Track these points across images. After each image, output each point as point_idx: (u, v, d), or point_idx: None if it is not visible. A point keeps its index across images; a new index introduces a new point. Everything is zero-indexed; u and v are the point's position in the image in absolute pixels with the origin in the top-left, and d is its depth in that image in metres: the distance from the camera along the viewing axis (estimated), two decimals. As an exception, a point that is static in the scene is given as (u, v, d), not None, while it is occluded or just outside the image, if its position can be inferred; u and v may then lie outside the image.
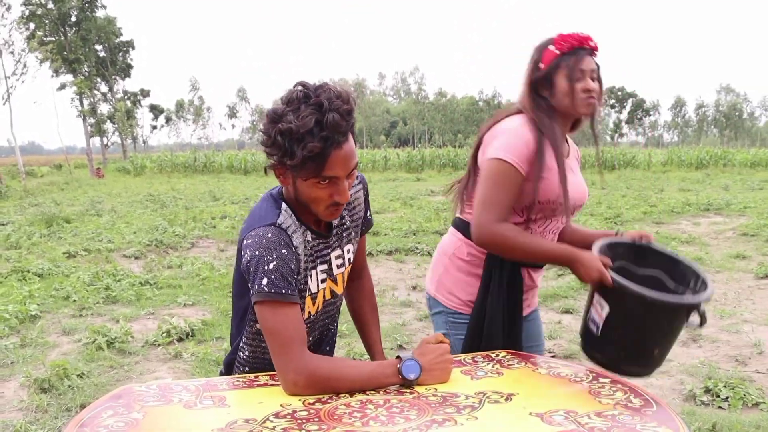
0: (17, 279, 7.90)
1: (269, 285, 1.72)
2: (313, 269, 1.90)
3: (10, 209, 17.79)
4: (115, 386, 4.55)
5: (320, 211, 1.81)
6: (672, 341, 2.15)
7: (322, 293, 1.96)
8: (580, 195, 2.35)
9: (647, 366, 2.17)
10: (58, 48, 43.42)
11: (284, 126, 1.65)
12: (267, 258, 1.74)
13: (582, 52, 2.25)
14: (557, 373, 1.84)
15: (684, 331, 2.18)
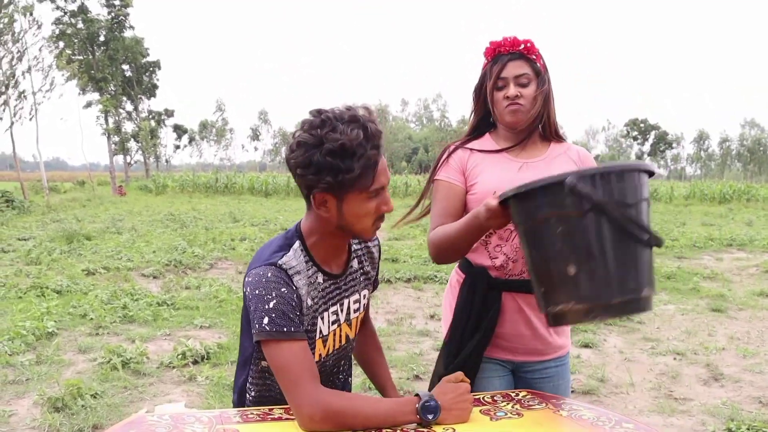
0: (36, 295, 7.93)
1: (270, 324, 1.70)
2: (325, 311, 1.87)
3: (32, 224, 17.94)
4: (129, 408, 4.54)
5: (368, 227, 1.80)
6: (590, 250, 1.66)
7: (333, 336, 1.93)
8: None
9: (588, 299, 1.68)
10: (85, 66, 44.00)
11: (333, 145, 1.63)
12: (267, 297, 1.72)
13: (504, 58, 2.18)
14: (579, 416, 1.78)
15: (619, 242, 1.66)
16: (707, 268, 11.01)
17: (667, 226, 18.49)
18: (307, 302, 1.81)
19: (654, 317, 7.46)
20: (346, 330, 1.98)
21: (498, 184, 2.15)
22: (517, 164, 2.25)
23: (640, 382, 5.32)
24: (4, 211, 21.22)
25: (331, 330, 1.91)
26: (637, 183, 1.68)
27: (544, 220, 1.69)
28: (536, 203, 1.70)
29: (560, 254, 1.68)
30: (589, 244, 1.65)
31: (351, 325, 1.99)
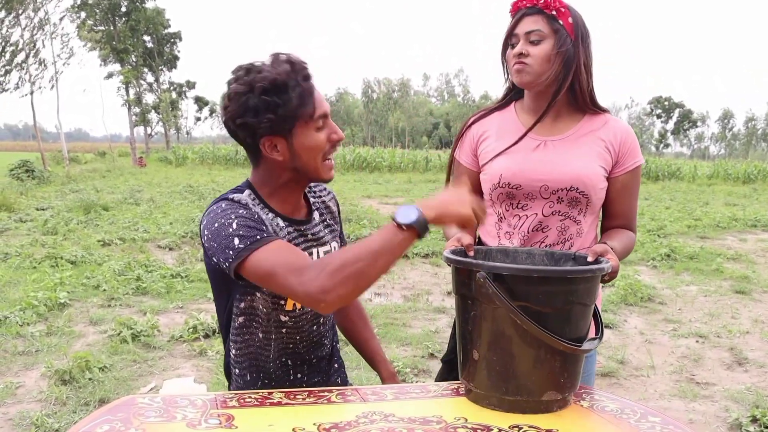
0: (50, 265, 7.89)
1: (241, 241, 1.58)
2: None
3: (51, 194, 17.98)
4: (137, 381, 4.47)
5: (319, 165, 1.72)
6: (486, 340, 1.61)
7: None
8: (537, 174, 2.02)
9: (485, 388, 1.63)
10: (107, 37, 43.99)
11: (264, 84, 1.59)
12: (226, 222, 1.62)
13: (520, 13, 1.97)
14: (602, 407, 1.65)
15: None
16: (731, 249, 10.79)
17: (690, 206, 18.21)
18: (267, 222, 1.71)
19: (676, 298, 7.29)
20: None
21: (508, 167, 2.04)
22: (535, 143, 2.06)
23: (661, 365, 5.17)
24: (24, 180, 21.33)
25: None
26: (572, 288, 1.55)
27: (463, 297, 1.65)
28: (461, 278, 1.64)
29: (470, 335, 1.64)
30: (493, 337, 1.60)
31: None
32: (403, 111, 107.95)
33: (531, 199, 2.04)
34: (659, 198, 21.08)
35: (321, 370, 1.97)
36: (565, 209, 2.03)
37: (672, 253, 9.67)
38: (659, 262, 9.26)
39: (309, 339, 1.91)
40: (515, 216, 2.08)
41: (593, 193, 2.01)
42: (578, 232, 2.06)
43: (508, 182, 2.04)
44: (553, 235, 2.06)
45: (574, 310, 1.57)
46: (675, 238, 11.58)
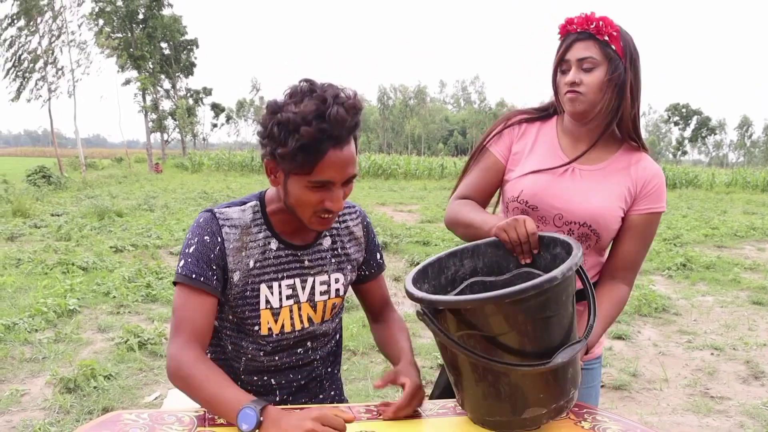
0: (61, 271, 7.89)
1: (183, 267, 1.68)
2: (274, 281, 1.76)
3: (67, 200, 18.08)
4: (142, 390, 4.44)
5: (306, 217, 1.66)
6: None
7: (289, 312, 1.79)
8: (555, 202, 1.95)
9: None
10: (124, 44, 44.29)
11: (283, 116, 1.52)
12: (190, 242, 1.71)
13: (571, 38, 1.88)
14: (603, 428, 1.58)
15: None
16: (748, 259, 10.64)
17: (707, 214, 18.03)
18: (247, 263, 1.73)
19: (691, 309, 7.18)
20: (308, 311, 1.83)
21: (530, 186, 1.97)
22: (563, 168, 1.98)
23: (675, 378, 5.08)
24: (41, 186, 21.47)
25: (285, 305, 1.78)
26: (522, 307, 1.44)
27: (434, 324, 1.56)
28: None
29: (445, 362, 1.65)
30: (452, 366, 1.59)
31: (316, 308, 1.84)
32: (420, 118, 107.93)
33: (543, 222, 1.97)
34: (676, 206, 20.89)
35: (310, 391, 1.93)
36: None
37: (688, 263, 9.54)
38: (675, 272, 9.14)
39: (294, 361, 1.88)
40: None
41: (605, 233, 1.94)
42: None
43: (526, 201, 1.98)
44: None
45: (534, 326, 1.46)
46: (691, 248, 11.45)
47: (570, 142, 2.01)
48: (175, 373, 1.60)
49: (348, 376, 4.82)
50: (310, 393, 1.93)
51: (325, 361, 1.96)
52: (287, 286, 1.77)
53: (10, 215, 13.59)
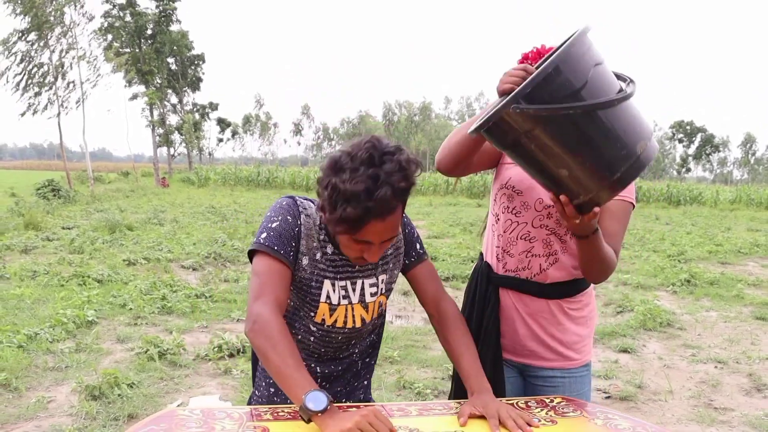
0: (77, 284, 8.06)
1: (266, 239, 1.83)
2: (331, 280, 1.92)
3: (76, 214, 18.27)
4: (164, 398, 4.58)
5: (348, 256, 1.85)
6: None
7: (345, 311, 1.95)
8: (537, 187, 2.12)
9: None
10: (132, 59, 44.68)
11: (336, 181, 1.67)
12: (273, 218, 1.87)
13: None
14: (615, 425, 1.74)
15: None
16: (752, 275, 10.77)
17: (711, 231, 18.15)
18: (315, 254, 1.89)
19: (695, 324, 7.32)
20: (361, 312, 1.98)
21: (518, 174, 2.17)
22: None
23: (679, 390, 5.22)
24: (50, 199, 21.67)
25: (342, 303, 1.94)
26: (576, 65, 1.62)
27: (515, 144, 1.71)
28: (501, 131, 1.70)
29: (546, 165, 1.72)
30: (563, 148, 1.67)
31: (367, 309, 1.99)
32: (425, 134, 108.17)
33: (525, 208, 2.18)
34: (680, 223, 21.01)
35: (346, 382, 2.09)
36: (552, 225, 2.15)
37: (692, 279, 9.68)
38: (679, 288, 9.28)
39: (337, 352, 2.03)
40: (508, 220, 2.22)
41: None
42: (563, 249, 2.17)
43: (513, 186, 2.19)
44: (538, 247, 2.18)
45: (596, 77, 1.64)
46: (695, 264, 11.57)
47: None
48: (261, 331, 1.70)
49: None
50: (345, 382, 2.09)
51: (364, 353, 2.13)
52: (341, 287, 1.93)
53: (22, 228, 13.77)
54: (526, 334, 2.22)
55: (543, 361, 2.22)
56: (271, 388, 2.06)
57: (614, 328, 6.87)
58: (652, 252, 12.99)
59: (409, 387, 4.96)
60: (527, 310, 2.21)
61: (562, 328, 2.20)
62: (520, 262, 2.19)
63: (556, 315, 2.19)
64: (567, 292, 2.19)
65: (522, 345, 2.24)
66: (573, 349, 2.22)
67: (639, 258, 12.21)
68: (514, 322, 2.23)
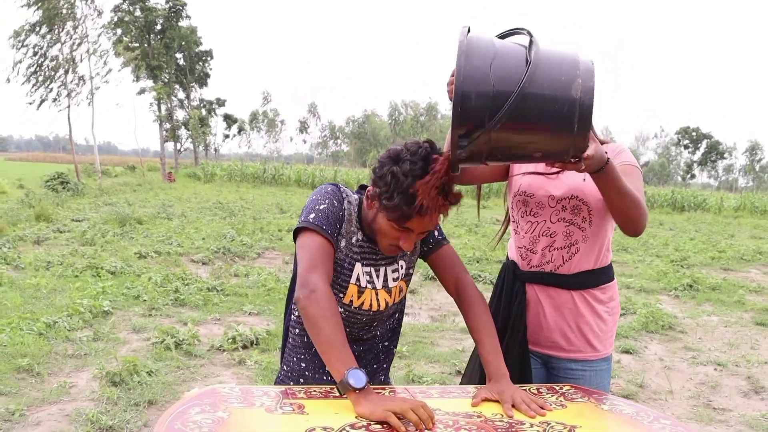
0: (92, 275, 8.23)
1: (315, 218, 1.97)
2: (361, 263, 2.09)
3: (85, 206, 18.45)
4: (182, 386, 4.75)
5: (382, 243, 2.02)
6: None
7: (370, 294, 2.11)
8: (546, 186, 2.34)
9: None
10: (141, 54, 44.82)
11: (396, 170, 1.86)
12: (320, 201, 2.01)
13: None
14: (620, 410, 1.90)
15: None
16: (754, 282, 10.91)
17: (714, 237, 18.28)
18: (351, 238, 2.06)
19: (696, 328, 7.47)
20: (384, 296, 2.14)
21: (528, 180, 2.39)
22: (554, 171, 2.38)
23: (679, 390, 5.37)
24: (60, 192, 21.84)
25: (367, 287, 2.10)
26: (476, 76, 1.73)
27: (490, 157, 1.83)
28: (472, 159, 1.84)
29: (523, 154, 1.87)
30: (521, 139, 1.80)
31: (390, 293, 2.16)
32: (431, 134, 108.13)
33: (541, 207, 2.36)
34: (684, 229, 21.14)
35: (367, 362, 2.24)
36: (569, 216, 2.32)
37: (694, 284, 9.82)
38: (681, 292, 9.42)
39: (360, 332, 2.20)
40: (528, 222, 2.40)
41: (591, 200, 2.28)
42: (583, 237, 2.33)
43: (524, 191, 2.39)
44: (559, 240, 2.34)
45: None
46: (698, 269, 11.72)
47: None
48: (317, 301, 1.83)
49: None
50: (366, 363, 2.23)
51: (384, 336, 2.29)
52: (365, 273, 2.10)
53: (33, 219, 13.95)
54: (550, 326, 2.37)
55: (565, 353, 2.37)
56: (302, 363, 2.20)
57: (617, 329, 6.98)
58: (655, 257, 13.14)
59: (417, 381, 5.12)
60: (552, 303, 2.36)
61: (584, 320, 2.34)
62: (544, 257, 2.36)
63: (579, 307, 2.34)
64: (590, 282, 2.34)
65: (546, 337, 2.38)
66: (595, 340, 2.36)
67: (642, 262, 12.35)
68: (539, 315, 2.38)
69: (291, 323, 2.25)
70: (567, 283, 2.34)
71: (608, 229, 2.37)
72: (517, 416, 1.80)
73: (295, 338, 2.23)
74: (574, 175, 2.30)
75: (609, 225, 2.37)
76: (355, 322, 2.15)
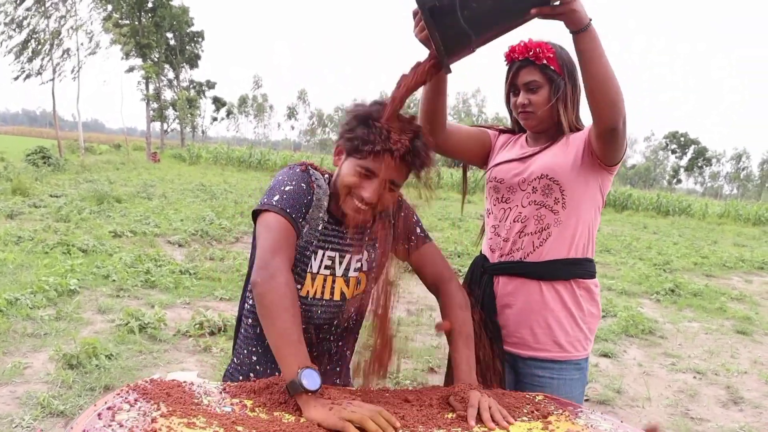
0: (62, 252, 8.00)
1: (279, 201, 1.82)
2: (324, 250, 1.93)
3: (65, 182, 18.15)
4: (142, 372, 4.56)
5: (343, 196, 1.84)
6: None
7: (323, 281, 1.94)
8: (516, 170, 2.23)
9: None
10: (131, 32, 44.38)
11: (362, 110, 1.81)
12: (287, 182, 1.86)
13: (515, 65, 2.19)
14: (596, 426, 1.72)
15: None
16: (735, 289, 10.81)
17: (698, 243, 18.22)
18: (317, 224, 1.90)
19: (677, 333, 7.34)
20: (341, 285, 1.96)
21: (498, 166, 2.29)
22: (524, 151, 2.28)
23: (657, 398, 5.23)
24: (40, 167, 21.51)
25: (322, 273, 1.93)
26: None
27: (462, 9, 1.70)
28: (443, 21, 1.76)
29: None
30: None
31: (348, 283, 1.98)
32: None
33: (512, 192, 2.23)
34: (668, 233, 21.07)
35: (321, 364, 2.04)
36: (540, 198, 2.17)
37: (676, 289, 9.70)
38: (663, 297, 9.30)
39: (316, 331, 2.01)
40: (501, 209, 2.26)
41: (565, 180, 2.13)
42: (555, 221, 2.15)
43: (495, 176, 2.28)
44: (530, 225, 2.18)
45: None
46: (680, 274, 11.61)
47: (532, 142, 2.30)
48: (277, 289, 1.66)
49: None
50: (321, 365, 2.02)
51: (345, 340, 2.11)
52: (328, 257, 1.92)
53: (9, 193, 13.67)
54: (517, 320, 2.20)
55: (531, 350, 2.20)
56: (253, 356, 2.03)
57: (596, 332, 6.86)
58: (638, 260, 13.03)
59: (389, 377, 4.93)
60: (519, 294, 2.19)
61: (553, 314, 2.16)
62: (514, 244, 2.20)
63: (548, 300, 2.16)
64: (561, 273, 2.16)
65: (512, 332, 2.22)
66: (563, 339, 2.18)
67: (625, 264, 12.24)
68: (505, 308, 2.22)
69: (245, 311, 2.07)
70: (536, 272, 2.17)
71: (584, 214, 2.18)
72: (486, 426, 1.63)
73: (248, 328, 2.04)
74: (545, 154, 2.18)
75: (586, 210, 2.18)
76: (310, 317, 1.97)
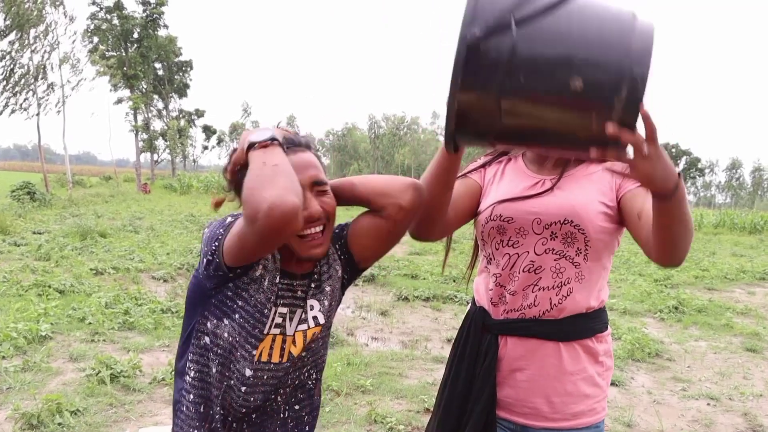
0: (37, 294, 7.63)
1: (233, 217, 1.60)
2: (278, 307, 1.65)
3: (50, 218, 17.80)
4: (111, 428, 4.21)
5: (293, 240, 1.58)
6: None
7: (271, 341, 1.63)
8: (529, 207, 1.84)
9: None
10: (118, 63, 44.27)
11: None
12: (223, 228, 1.58)
13: None
14: None
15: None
16: (739, 303, 10.47)
17: (696, 255, 17.90)
18: (274, 279, 1.61)
19: (685, 354, 6.99)
20: (290, 346, 1.66)
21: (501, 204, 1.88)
22: (534, 180, 1.89)
23: (671, 430, 4.87)
24: (25, 203, 21.13)
25: (271, 333, 1.63)
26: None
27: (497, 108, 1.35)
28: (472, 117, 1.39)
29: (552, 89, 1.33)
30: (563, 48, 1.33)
31: (296, 342, 1.67)
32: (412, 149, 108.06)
33: (522, 234, 1.83)
34: (666, 246, 20.74)
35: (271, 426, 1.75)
36: (559, 247, 1.80)
37: (680, 306, 9.35)
38: (666, 315, 8.95)
39: (263, 407, 1.70)
40: (505, 255, 1.86)
41: (590, 229, 1.77)
42: (577, 276, 1.80)
43: (500, 214, 1.87)
44: (547, 278, 1.81)
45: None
46: (682, 289, 11.27)
47: (537, 167, 1.93)
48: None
49: (330, 419, 4.58)
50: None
51: (291, 398, 1.78)
52: (279, 314, 1.63)
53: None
54: (529, 388, 1.84)
55: (548, 421, 1.84)
56: None
57: (601, 358, 6.51)
58: (638, 275, 12.68)
59: (380, 421, 4.57)
60: (533, 358, 1.83)
61: (573, 379, 1.82)
62: (525, 299, 1.82)
63: (568, 363, 1.81)
64: (583, 331, 1.82)
65: (523, 401, 1.85)
66: (585, 404, 1.84)
67: (625, 281, 11.90)
68: (515, 373, 1.85)
69: (185, 387, 1.70)
70: (555, 332, 1.80)
71: (607, 264, 1.85)
72: None
73: (189, 407, 1.68)
74: (569, 193, 1.80)
75: (607, 258, 1.84)
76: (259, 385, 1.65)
